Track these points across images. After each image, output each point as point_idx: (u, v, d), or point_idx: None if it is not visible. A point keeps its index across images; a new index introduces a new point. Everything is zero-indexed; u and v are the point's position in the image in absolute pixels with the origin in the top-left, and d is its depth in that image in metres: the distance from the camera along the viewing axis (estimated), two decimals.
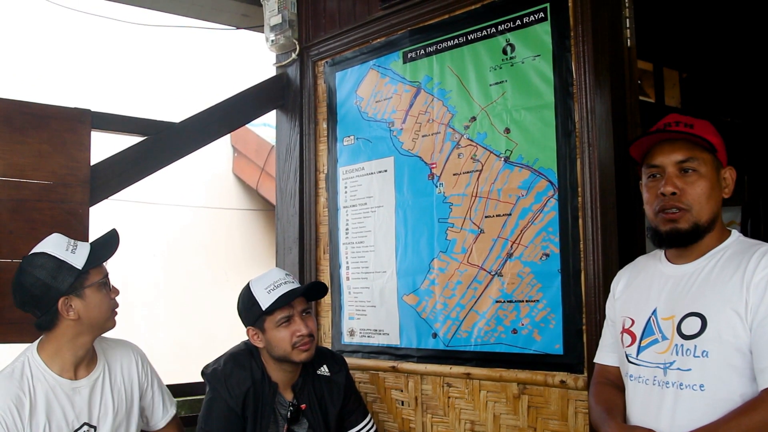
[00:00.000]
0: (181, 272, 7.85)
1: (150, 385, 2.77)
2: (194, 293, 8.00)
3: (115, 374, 2.66)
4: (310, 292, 2.94)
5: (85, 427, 2.51)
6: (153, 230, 7.48)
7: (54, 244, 2.52)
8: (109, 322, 2.58)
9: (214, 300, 8.01)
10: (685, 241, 2.09)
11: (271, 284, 2.82)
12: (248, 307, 2.85)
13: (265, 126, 7.30)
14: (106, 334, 2.69)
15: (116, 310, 2.61)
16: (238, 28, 4.43)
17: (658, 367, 2.06)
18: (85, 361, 2.57)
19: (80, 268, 2.46)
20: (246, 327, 2.89)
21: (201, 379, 2.94)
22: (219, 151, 8.21)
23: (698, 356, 1.98)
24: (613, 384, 2.28)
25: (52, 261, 2.47)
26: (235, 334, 4.18)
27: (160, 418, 2.81)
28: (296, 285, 2.86)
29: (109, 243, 2.60)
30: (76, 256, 2.49)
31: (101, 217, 3.38)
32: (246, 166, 8.38)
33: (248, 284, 2.89)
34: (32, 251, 2.51)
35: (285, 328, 2.80)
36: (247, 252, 8.55)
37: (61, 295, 2.45)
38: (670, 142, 2.10)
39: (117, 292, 2.60)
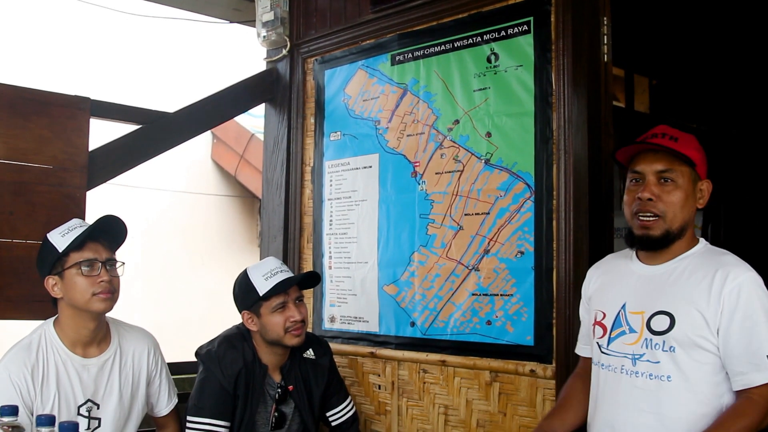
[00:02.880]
0: (158, 255, 7.96)
1: (158, 374, 2.92)
2: (171, 276, 8.12)
3: (126, 358, 2.80)
4: (305, 281, 3.12)
5: (89, 404, 2.66)
6: (133, 212, 7.56)
7: (57, 229, 2.69)
8: (92, 305, 2.61)
9: (190, 283, 8.15)
10: (655, 246, 2.29)
11: (269, 272, 2.99)
12: (245, 292, 3.02)
13: (246, 114, 7.41)
14: (124, 319, 2.86)
15: (102, 293, 2.61)
16: (230, 22, 4.57)
17: (626, 357, 2.28)
18: (95, 341, 2.72)
19: (60, 251, 2.61)
20: (241, 311, 3.06)
21: (181, 359, 3.11)
22: (199, 138, 8.29)
23: (666, 350, 2.20)
24: (587, 375, 2.51)
25: (46, 243, 2.67)
26: (209, 317, 4.32)
27: (164, 406, 2.96)
28: (291, 274, 3.04)
29: (89, 228, 2.68)
30: (65, 239, 2.64)
31: (90, 201, 3.51)
32: (225, 152, 8.49)
33: (245, 271, 3.06)
34: None
35: (279, 314, 2.97)
36: (223, 237, 8.68)
37: (45, 275, 2.64)
38: (653, 152, 2.29)
39: (105, 277, 2.63)
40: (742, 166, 5.59)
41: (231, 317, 3.21)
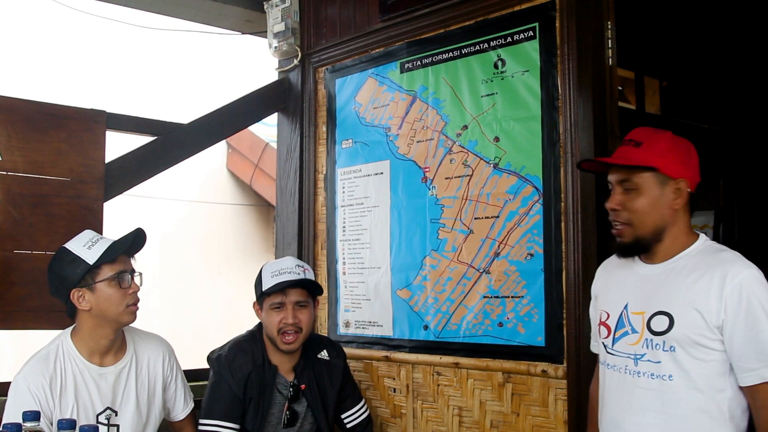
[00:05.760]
0: (175, 264, 8.04)
1: (174, 379, 2.96)
2: (188, 285, 8.20)
3: (141, 366, 2.84)
4: (306, 286, 3.14)
5: (108, 411, 2.71)
6: (149, 223, 7.64)
7: (76, 240, 2.73)
8: (124, 317, 2.70)
9: (208, 292, 8.24)
10: (632, 252, 2.36)
11: (278, 270, 3.07)
12: (256, 285, 3.15)
13: (260, 123, 7.50)
14: (140, 327, 2.90)
15: (133, 305, 2.71)
16: (242, 34, 4.64)
17: (629, 357, 2.32)
18: (112, 350, 2.77)
19: (91, 263, 2.64)
20: (254, 302, 3.18)
21: (194, 367, 3.18)
22: (214, 147, 8.38)
23: (666, 350, 2.24)
24: None
25: (68, 255, 2.68)
26: (226, 324, 4.38)
27: (181, 411, 3.00)
28: (300, 277, 3.09)
29: (123, 241, 2.73)
30: (92, 252, 2.66)
31: (106, 211, 3.57)
32: (240, 162, 8.58)
33: (264, 265, 3.16)
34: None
35: (276, 313, 3.06)
36: (240, 246, 8.76)
37: (72, 287, 2.65)
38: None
39: (136, 288, 2.73)
40: (756, 164, 5.60)
41: (248, 324, 3.29)
